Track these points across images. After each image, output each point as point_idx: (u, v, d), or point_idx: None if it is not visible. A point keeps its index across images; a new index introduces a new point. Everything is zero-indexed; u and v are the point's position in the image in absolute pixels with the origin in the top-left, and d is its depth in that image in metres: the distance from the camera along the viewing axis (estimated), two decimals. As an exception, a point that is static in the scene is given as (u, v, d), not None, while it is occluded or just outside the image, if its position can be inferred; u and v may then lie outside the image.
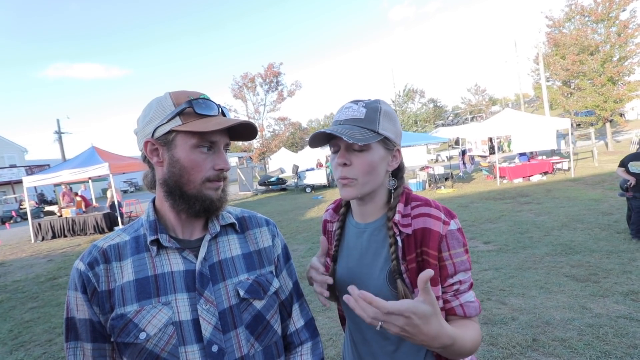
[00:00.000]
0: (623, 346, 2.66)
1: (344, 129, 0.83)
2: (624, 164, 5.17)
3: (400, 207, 0.87)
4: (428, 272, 0.65)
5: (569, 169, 12.18)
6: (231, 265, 0.83)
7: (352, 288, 0.67)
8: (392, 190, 0.92)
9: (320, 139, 0.89)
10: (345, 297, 0.67)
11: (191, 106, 0.76)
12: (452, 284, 0.82)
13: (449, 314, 0.83)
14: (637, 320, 2.98)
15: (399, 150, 0.91)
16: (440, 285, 0.83)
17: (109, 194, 11.92)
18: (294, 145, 43.79)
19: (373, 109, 0.86)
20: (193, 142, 0.76)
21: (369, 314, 0.65)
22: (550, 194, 9.11)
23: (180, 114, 0.76)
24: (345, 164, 0.86)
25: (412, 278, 0.83)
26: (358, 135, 0.81)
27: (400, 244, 0.84)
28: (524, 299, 3.60)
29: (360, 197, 0.89)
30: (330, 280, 0.87)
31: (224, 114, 0.83)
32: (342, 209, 1.02)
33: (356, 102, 0.89)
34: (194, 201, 0.78)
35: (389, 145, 0.88)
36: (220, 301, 0.78)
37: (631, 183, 5.05)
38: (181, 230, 0.82)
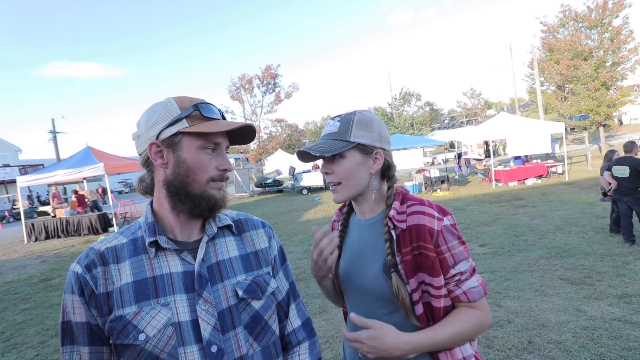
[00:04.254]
0: (617, 348, 2.68)
1: (317, 144, 0.96)
2: (609, 168, 5.23)
3: (396, 204, 0.96)
4: (354, 317, 0.88)
5: (564, 172, 12.30)
6: (229, 266, 0.83)
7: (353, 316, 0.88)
8: (386, 189, 1.00)
9: (308, 155, 0.99)
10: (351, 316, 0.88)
11: (198, 109, 0.80)
12: (454, 275, 0.90)
13: (455, 301, 0.91)
14: (631, 322, 3.01)
15: (379, 153, 0.97)
16: (442, 276, 0.90)
17: (89, 195, 11.84)
18: (291, 147, 43.77)
19: (346, 121, 0.96)
20: (199, 144, 0.79)
21: (350, 344, 0.90)
22: (544, 197, 9.18)
23: (187, 116, 0.79)
24: (327, 173, 0.97)
25: (406, 269, 0.91)
26: (327, 148, 0.93)
27: (395, 237, 0.92)
28: (519, 301, 3.62)
29: (349, 199, 0.99)
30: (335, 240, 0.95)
31: (224, 118, 0.86)
32: (346, 208, 1.10)
33: (334, 118, 1.00)
34: (199, 201, 0.80)
35: (367, 149, 0.96)
36: (219, 301, 0.78)
37: (612, 187, 5.12)
38: (179, 232, 0.83)
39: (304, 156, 1.00)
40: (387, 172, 1.00)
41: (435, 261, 0.89)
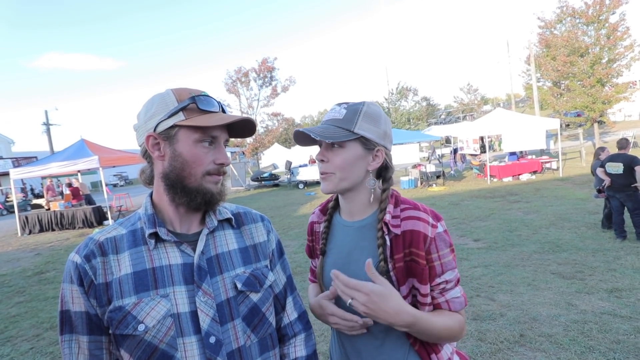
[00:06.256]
0: (607, 341, 2.74)
1: (319, 128, 0.89)
2: (602, 164, 5.29)
3: (390, 208, 0.91)
4: (368, 261, 0.80)
5: (558, 168, 12.41)
6: (228, 259, 0.84)
7: (334, 272, 0.81)
8: (381, 191, 0.95)
9: (305, 138, 0.94)
10: (333, 273, 0.82)
11: (194, 102, 0.78)
12: (439, 283, 0.88)
13: (436, 307, 0.90)
14: (621, 316, 3.07)
15: (381, 151, 0.92)
16: (429, 284, 0.88)
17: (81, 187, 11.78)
18: (287, 141, 43.58)
19: (353, 110, 0.90)
20: (196, 137, 0.78)
21: (340, 289, 0.80)
22: (538, 192, 9.27)
23: (183, 109, 0.78)
24: (322, 160, 0.92)
25: (398, 276, 0.88)
26: (329, 134, 0.87)
27: (388, 243, 0.88)
28: (512, 295, 3.67)
29: (338, 191, 0.94)
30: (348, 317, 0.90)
31: (223, 111, 0.85)
32: (331, 203, 1.05)
33: (340, 104, 0.93)
34: (195, 194, 0.80)
35: (369, 145, 0.90)
36: (218, 294, 0.79)
37: (605, 184, 5.17)
38: (179, 224, 0.83)
39: (302, 138, 0.95)
40: (384, 172, 0.96)
41: (425, 269, 0.86)
